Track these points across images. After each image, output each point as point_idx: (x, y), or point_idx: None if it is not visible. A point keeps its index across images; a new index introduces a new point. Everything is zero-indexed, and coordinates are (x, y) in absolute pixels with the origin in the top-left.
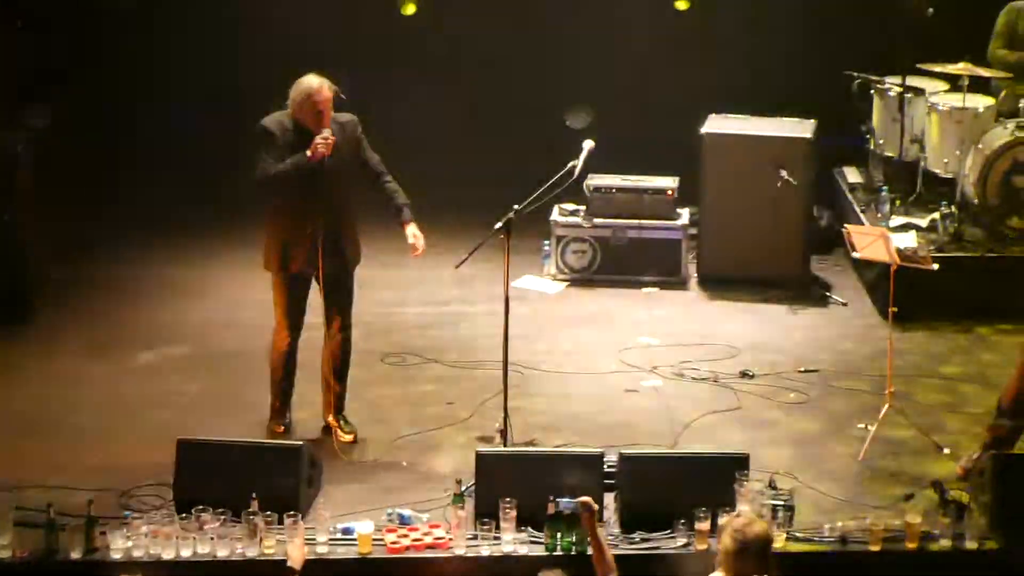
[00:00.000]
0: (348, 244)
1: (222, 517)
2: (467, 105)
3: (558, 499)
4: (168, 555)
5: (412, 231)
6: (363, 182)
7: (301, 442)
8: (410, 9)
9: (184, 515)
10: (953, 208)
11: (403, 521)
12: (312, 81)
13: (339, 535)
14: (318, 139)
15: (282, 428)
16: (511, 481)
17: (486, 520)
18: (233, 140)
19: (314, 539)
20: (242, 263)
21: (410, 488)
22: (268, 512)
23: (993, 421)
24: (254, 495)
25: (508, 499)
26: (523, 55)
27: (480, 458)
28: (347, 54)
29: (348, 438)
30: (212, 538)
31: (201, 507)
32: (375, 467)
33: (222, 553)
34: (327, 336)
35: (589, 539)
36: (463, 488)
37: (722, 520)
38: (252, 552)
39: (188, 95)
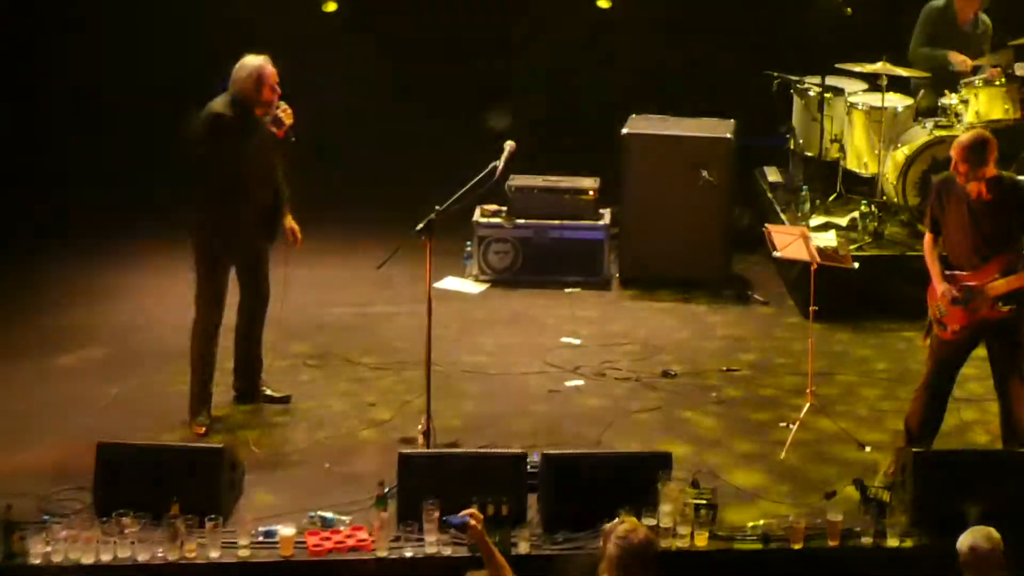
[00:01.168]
0: (277, 224)
1: (143, 521)
2: (388, 105)
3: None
4: (88, 560)
5: (291, 225)
6: None
7: (222, 445)
8: (331, 6)
9: (104, 519)
10: (873, 207)
11: (325, 524)
12: (257, 58)
13: (261, 538)
14: (279, 112)
15: (204, 429)
16: (434, 482)
17: (409, 522)
18: (148, 141)
19: (235, 543)
20: (157, 265)
21: (332, 490)
22: (189, 516)
23: (903, 446)
24: (175, 499)
25: (431, 500)
26: (444, 55)
27: (403, 460)
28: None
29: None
30: (132, 542)
31: (121, 511)
32: (297, 470)
33: (142, 557)
34: (247, 309)
35: (480, 549)
36: (386, 490)
37: (606, 526)
38: (173, 556)
39: (107, 94)
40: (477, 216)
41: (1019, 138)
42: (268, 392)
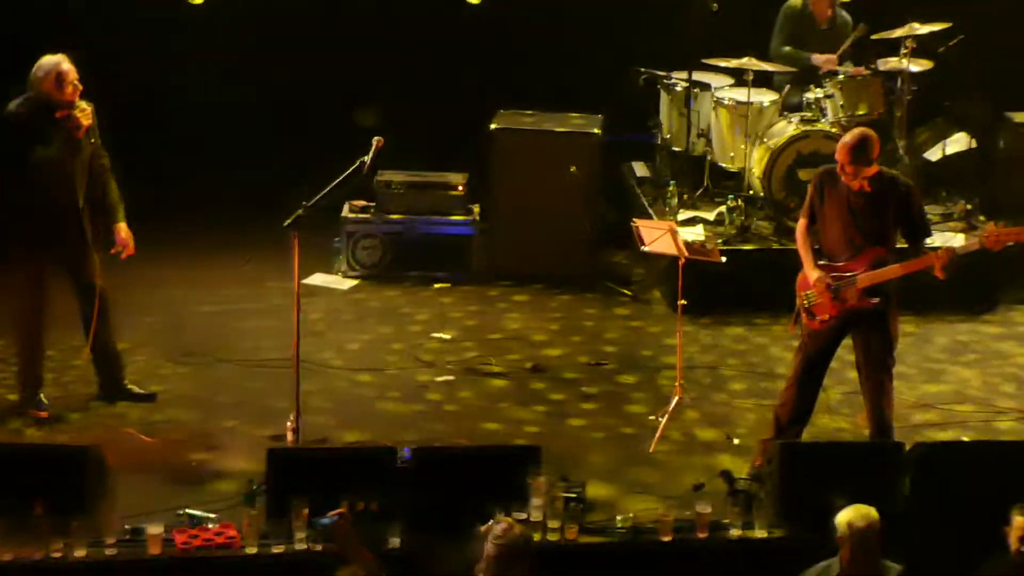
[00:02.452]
0: (89, 228)
1: (5, 522)
2: (257, 99)
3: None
4: None
5: (126, 231)
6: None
7: (88, 444)
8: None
9: None
10: (739, 201)
11: (194, 521)
12: (55, 56)
13: (128, 536)
14: (77, 113)
15: (46, 413)
16: (303, 479)
17: (279, 519)
18: None
19: (102, 541)
20: None
21: (200, 488)
22: (54, 516)
23: (770, 437)
24: (39, 499)
25: (301, 497)
26: (312, 49)
27: (271, 456)
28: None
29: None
30: None
31: None
32: (165, 467)
33: (5, 558)
34: (80, 311)
35: (347, 548)
36: (254, 487)
37: (481, 528)
38: (38, 556)
39: None
40: (345, 212)
41: (882, 132)
42: (133, 389)
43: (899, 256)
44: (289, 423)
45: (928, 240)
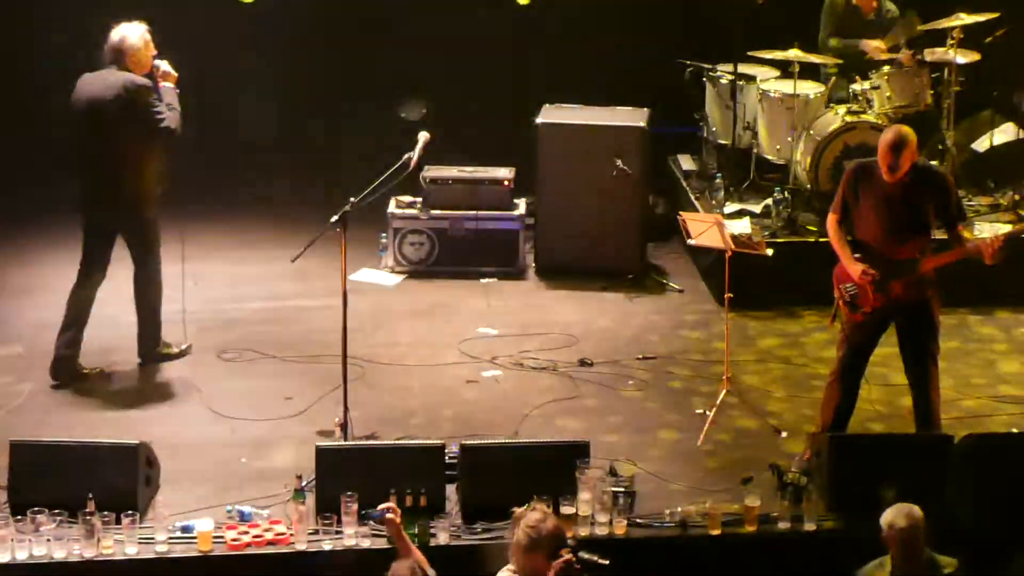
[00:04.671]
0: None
1: (58, 518)
2: (302, 96)
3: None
4: (3, 558)
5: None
6: None
7: (137, 441)
8: None
9: (19, 517)
10: (786, 194)
11: (243, 518)
12: (132, 23)
13: (179, 533)
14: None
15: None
16: (352, 475)
17: (327, 515)
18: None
19: (153, 538)
20: (73, 262)
21: (250, 484)
22: (105, 512)
23: (818, 431)
24: (91, 495)
25: (350, 493)
26: (359, 46)
27: (320, 452)
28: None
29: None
30: (48, 540)
31: (36, 509)
32: (214, 464)
33: (59, 555)
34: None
35: (396, 543)
36: (303, 483)
37: (516, 511)
38: (90, 553)
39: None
40: (392, 208)
41: (929, 123)
42: (166, 351)
43: (938, 246)
44: (337, 419)
45: (962, 225)
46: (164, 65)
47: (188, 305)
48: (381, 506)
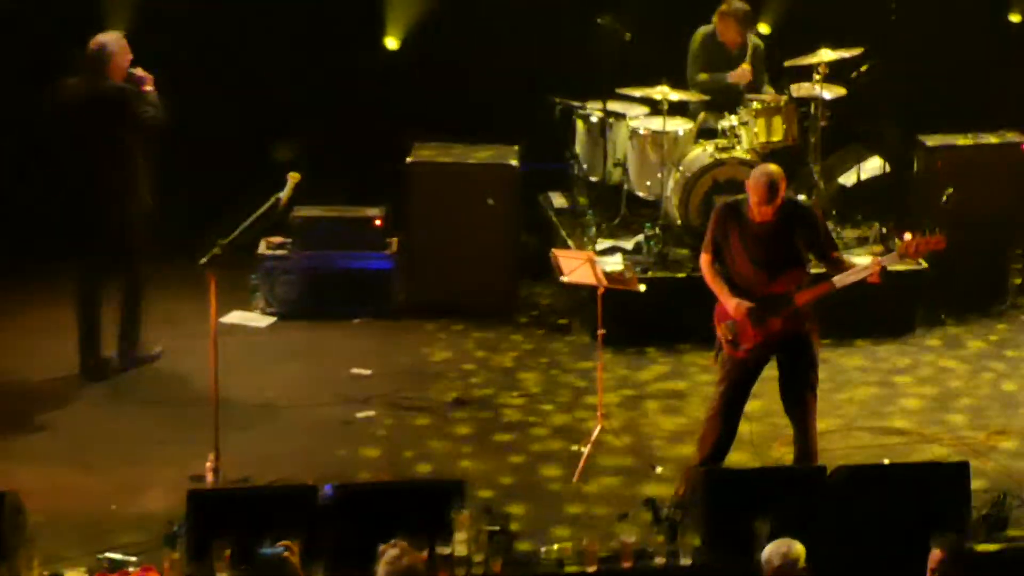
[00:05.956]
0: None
1: None
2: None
3: (259, 551)
4: None
5: None
6: None
7: (3, 490)
8: None
9: None
10: (657, 230)
11: (114, 566)
12: (108, 32)
13: None
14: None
15: None
16: (225, 519)
17: (200, 561)
18: None
19: None
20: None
21: (120, 531)
22: None
23: (694, 465)
24: None
25: (222, 538)
26: (227, 87)
27: (191, 497)
28: None
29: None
30: None
31: None
32: (84, 511)
33: None
34: None
35: None
36: (175, 529)
37: (380, 548)
38: None
39: None
40: (262, 248)
41: (797, 158)
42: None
43: (814, 278)
44: (209, 463)
45: (837, 253)
46: (139, 71)
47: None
48: (278, 544)
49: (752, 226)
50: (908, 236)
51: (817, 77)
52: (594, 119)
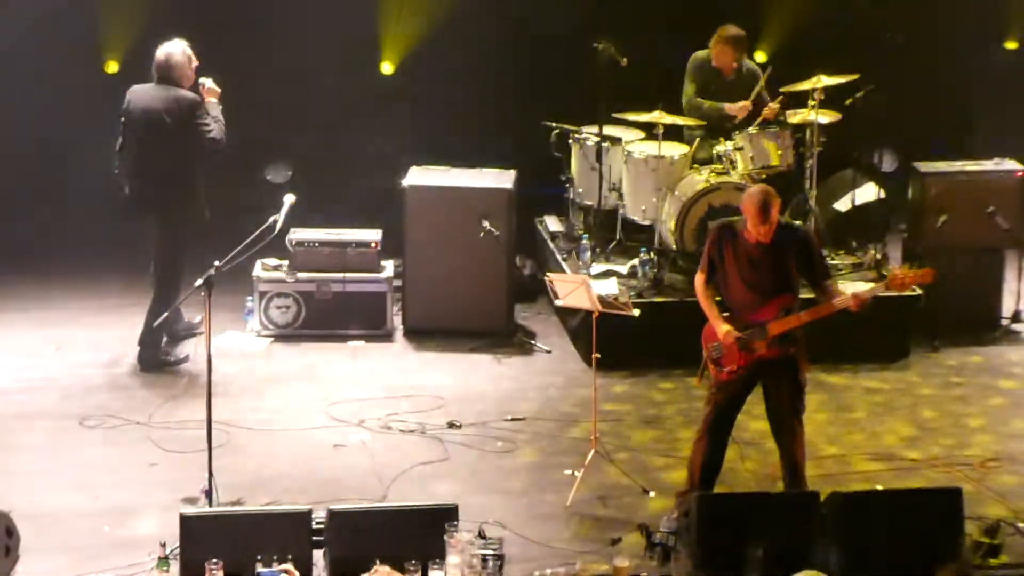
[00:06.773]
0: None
1: None
2: None
3: (259, 572)
4: None
5: None
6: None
7: None
8: (113, 67)
9: None
10: (652, 255)
11: None
12: (174, 40)
13: None
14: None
15: None
16: (217, 542)
17: None
18: None
19: None
20: None
21: (113, 554)
22: None
23: (686, 490)
24: None
25: (215, 560)
26: (223, 109)
27: (184, 520)
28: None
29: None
30: None
31: None
32: (76, 534)
33: None
34: None
35: None
36: (168, 551)
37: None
38: None
39: None
40: (258, 271)
41: (792, 184)
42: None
43: (804, 303)
44: (202, 486)
45: (829, 282)
46: (209, 82)
47: (50, 371)
48: (278, 567)
49: (747, 247)
50: (896, 270)
51: (812, 103)
52: (590, 143)
